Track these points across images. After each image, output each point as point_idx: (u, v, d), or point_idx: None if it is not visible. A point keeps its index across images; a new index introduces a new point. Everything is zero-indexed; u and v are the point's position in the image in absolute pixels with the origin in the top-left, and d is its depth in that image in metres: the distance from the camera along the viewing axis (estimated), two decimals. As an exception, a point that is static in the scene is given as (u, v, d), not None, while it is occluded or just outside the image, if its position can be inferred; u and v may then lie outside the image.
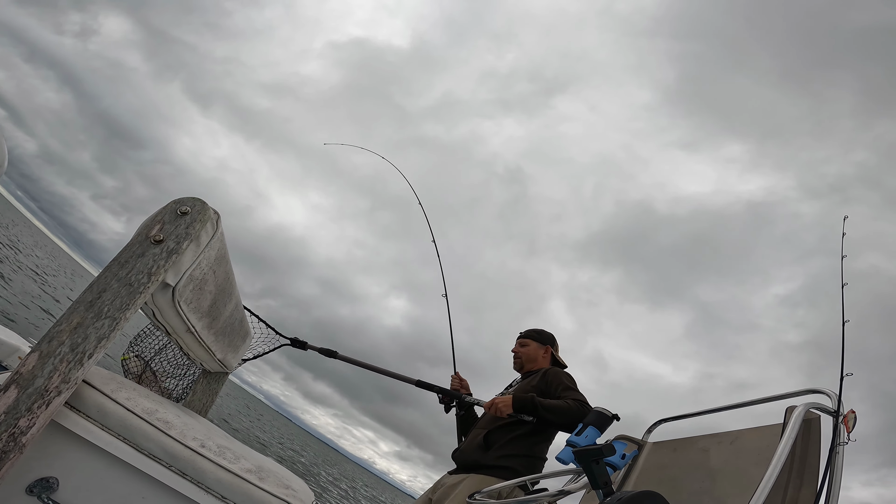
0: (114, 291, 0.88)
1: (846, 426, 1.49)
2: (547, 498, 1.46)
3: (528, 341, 2.56)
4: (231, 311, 1.47)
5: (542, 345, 2.54)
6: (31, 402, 0.79)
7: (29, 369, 0.80)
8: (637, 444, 2.21)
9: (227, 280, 1.28)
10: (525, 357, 2.52)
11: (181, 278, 0.99)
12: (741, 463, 1.71)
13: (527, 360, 2.51)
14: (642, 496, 1.10)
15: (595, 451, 1.21)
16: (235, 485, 0.96)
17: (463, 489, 2.02)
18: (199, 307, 1.16)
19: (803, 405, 1.54)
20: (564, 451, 1.40)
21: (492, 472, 2.05)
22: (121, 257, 0.91)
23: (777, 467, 1.34)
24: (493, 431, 2.18)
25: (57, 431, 0.86)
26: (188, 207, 0.97)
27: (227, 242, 1.17)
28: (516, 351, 2.57)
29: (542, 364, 2.49)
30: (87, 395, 0.90)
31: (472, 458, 2.15)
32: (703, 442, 1.96)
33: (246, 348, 1.93)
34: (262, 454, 1.36)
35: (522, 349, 2.54)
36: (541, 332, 2.58)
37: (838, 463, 1.43)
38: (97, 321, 0.85)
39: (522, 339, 2.58)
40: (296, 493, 1.05)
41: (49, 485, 0.86)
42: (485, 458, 2.12)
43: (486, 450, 2.13)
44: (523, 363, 2.52)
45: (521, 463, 2.08)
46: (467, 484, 2.03)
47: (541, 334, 2.57)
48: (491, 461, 2.09)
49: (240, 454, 1.04)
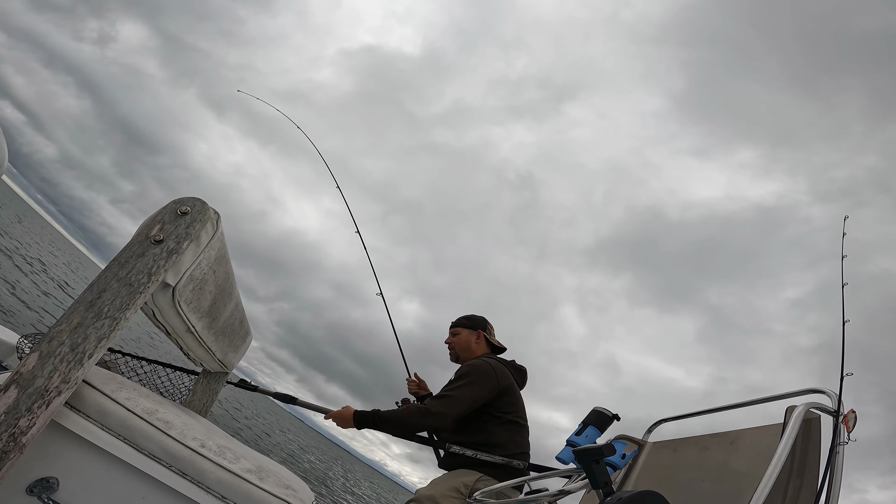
0: (114, 291, 0.88)
1: (846, 426, 1.49)
2: (547, 498, 1.46)
3: (458, 329, 2.45)
4: (231, 311, 1.47)
5: (474, 330, 2.43)
6: (31, 402, 0.79)
7: (29, 369, 0.80)
8: (637, 444, 2.21)
9: (227, 280, 1.28)
10: (458, 346, 2.41)
11: (181, 278, 0.99)
12: (741, 463, 1.71)
13: (460, 349, 2.41)
14: (642, 496, 1.10)
15: (595, 451, 1.21)
16: (235, 485, 0.96)
17: (444, 475, 2.07)
18: (199, 307, 1.16)
19: (803, 405, 1.54)
20: (564, 450, 1.40)
21: (468, 466, 2.05)
22: (121, 257, 0.91)
23: (777, 467, 1.34)
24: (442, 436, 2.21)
25: (57, 431, 0.86)
26: (188, 207, 0.97)
27: (231, 243, 1.17)
28: (449, 341, 2.46)
29: (476, 351, 2.39)
30: (87, 395, 0.90)
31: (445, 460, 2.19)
32: (703, 442, 1.96)
33: (246, 348, 1.93)
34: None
35: (454, 339, 2.43)
36: (470, 318, 2.47)
37: (838, 463, 1.43)
38: (97, 321, 0.85)
39: (454, 329, 2.47)
40: (296, 493, 1.05)
41: (49, 485, 0.86)
42: (443, 462, 2.17)
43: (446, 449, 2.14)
44: (458, 353, 2.42)
45: (484, 454, 2.04)
46: (451, 472, 2.07)
47: (470, 319, 2.47)
48: (448, 462, 2.13)
49: (240, 454, 1.04)
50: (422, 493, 1.97)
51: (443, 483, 2.00)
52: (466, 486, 1.97)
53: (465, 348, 2.40)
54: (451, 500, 1.92)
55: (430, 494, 1.93)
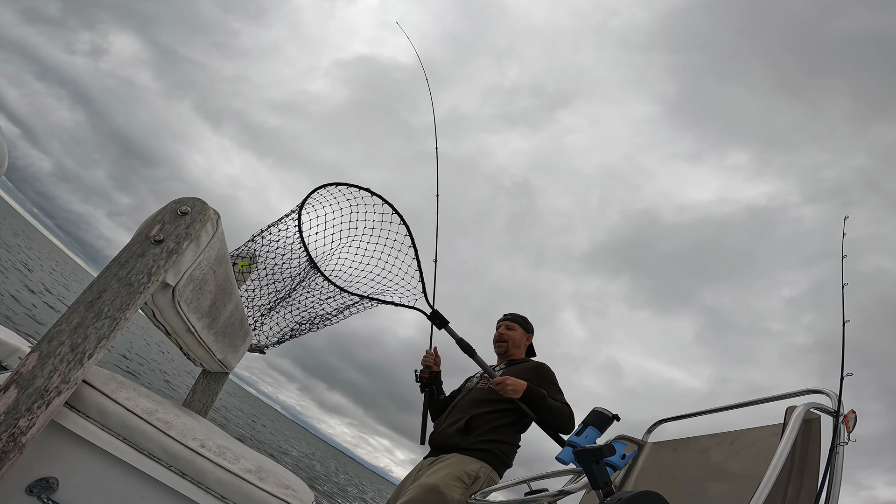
0: (114, 291, 0.88)
1: (846, 426, 1.49)
2: (547, 498, 1.46)
3: (515, 325, 2.47)
4: (231, 311, 1.47)
5: (527, 332, 2.47)
6: (31, 402, 0.79)
7: (29, 369, 0.80)
8: (637, 444, 2.21)
9: (227, 280, 1.28)
10: (512, 341, 2.44)
11: (181, 278, 0.99)
12: (741, 463, 1.71)
13: (513, 345, 2.43)
14: (642, 496, 1.10)
15: (595, 451, 1.21)
16: (235, 485, 0.96)
17: (445, 463, 2.03)
18: (199, 307, 1.16)
19: (803, 405, 1.54)
20: (564, 451, 1.40)
21: (471, 454, 2.04)
22: (121, 257, 0.91)
23: (777, 467, 1.34)
24: (476, 417, 2.14)
25: (57, 431, 0.86)
26: (188, 207, 0.97)
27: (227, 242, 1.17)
28: (505, 334, 2.45)
29: (520, 352, 2.43)
30: (87, 395, 0.90)
31: (452, 441, 2.11)
32: (703, 442, 1.96)
33: (246, 348, 1.93)
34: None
35: (511, 333, 2.45)
36: (526, 319, 2.51)
37: (838, 463, 1.43)
38: (97, 321, 0.85)
39: (509, 323, 2.48)
40: (296, 493, 1.05)
41: (49, 485, 0.86)
42: (465, 441, 2.08)
43: (466, 434, 2.10)
44: (508, 348, 2.43)
45: (501, 448, 2.08)
46: (451, 460, 2.04)
47: (526, 321, 2.50)
48: (470, 444, 2.07)
49: (240, 454, 1.04)
50: (424, 483, 1.95)
51: (445, 471, 1.98)
52: (469, 475, 1.97)
53: (516, 345, 2.44)
54: (453, 489, 1.91)
55: (432, 484, 1.91)
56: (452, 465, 2.01)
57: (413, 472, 2.19)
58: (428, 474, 2.01)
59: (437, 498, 1.87)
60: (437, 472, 2.00)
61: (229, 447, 1.04)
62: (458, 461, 2.02)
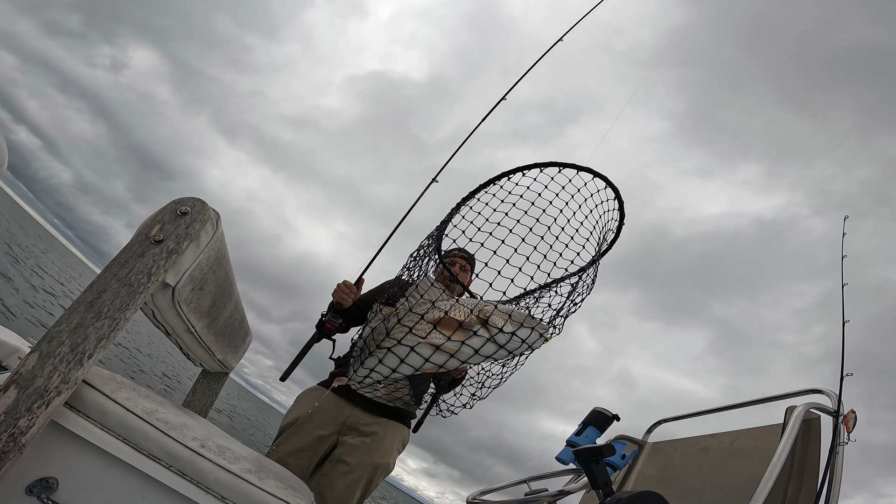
0: (114, 291, 0.88)
1: (846, 426, 1.49)
2: (547, 498, 1.46)
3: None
4: (231, 312, 1.47)
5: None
6: (30, 402, 0.79)
7: (29, 369, 0.80)
8: (637, 444, 2.21)
9: (227, 280, 1.28)
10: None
11: (181, 278, 0.99)
12: (741, 463, 1.71)
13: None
14: (642, 496, 1.10)
15: (595, 451, 1.21)
16: (235, 485, 0.96)
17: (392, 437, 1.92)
18: (198, 307, 1.16)
19: (803, 405, 1.54)
20: (564, 451, 1.41)
21: (406, 423, 2.00)
22: (120, 257, 0.91)
23: (777, 467, 1.34)
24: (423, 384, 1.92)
25: (57, 431, 0.86)
26: (188, 207, 0.97)
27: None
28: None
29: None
30: (87, 395, 0.90)
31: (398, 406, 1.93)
32: (703, 442, 1.96)
33: (246, 348, 1.93)
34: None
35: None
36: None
37: (838, 463, 1.43)
38: (97, 321, 0.85)
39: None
40: (296, 494, 1.05)
41: (49, 485, 0.86)
42: (410, 408, 1.95)
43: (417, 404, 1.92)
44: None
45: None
46: (400, 434, 1.96)
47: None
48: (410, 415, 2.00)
49: (240, 454, 1.04)
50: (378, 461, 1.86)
51: (388, 443, 1.91)
52: (404, 442, 1.98)
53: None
54: (395, 454, 1.93)
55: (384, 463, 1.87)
56: (392, 433, 1.95)
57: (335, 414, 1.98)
58: (378, 452, 1.91)
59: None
60: (382, 445, 1.92)
61: (229, 447, 1.04)
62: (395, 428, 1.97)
